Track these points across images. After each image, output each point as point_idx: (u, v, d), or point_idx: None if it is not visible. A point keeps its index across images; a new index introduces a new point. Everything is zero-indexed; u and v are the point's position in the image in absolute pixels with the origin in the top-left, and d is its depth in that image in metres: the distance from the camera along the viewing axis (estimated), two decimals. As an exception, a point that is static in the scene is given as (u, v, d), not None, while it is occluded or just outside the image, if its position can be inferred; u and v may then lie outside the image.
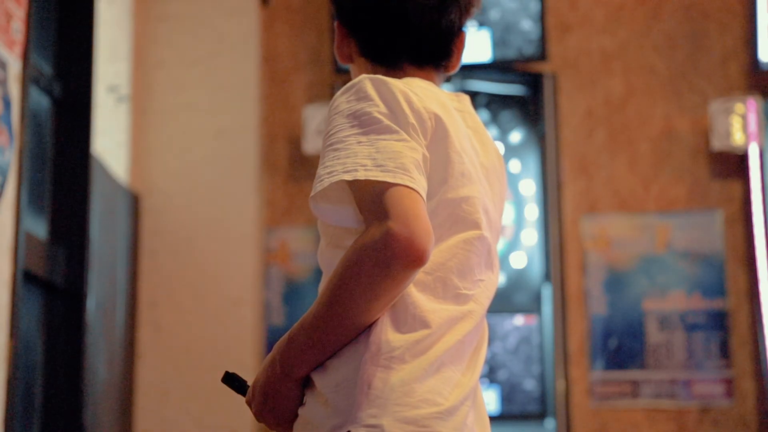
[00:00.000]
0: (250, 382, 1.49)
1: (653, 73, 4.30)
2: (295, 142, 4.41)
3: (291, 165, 4.42)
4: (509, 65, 4.34)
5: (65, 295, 3.53)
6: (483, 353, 1.47)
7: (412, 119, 1.40)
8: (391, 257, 1.28)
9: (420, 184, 1.34)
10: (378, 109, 1.39)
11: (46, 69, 3.52)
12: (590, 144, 4.29)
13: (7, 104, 2.90)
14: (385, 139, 1.36)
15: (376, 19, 1.58)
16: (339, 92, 1.44)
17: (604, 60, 4.34)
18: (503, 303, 4.18)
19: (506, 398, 4.10)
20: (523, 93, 4.40)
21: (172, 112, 4.31)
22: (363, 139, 1.37)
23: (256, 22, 4.42)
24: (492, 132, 4.36)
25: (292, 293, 4.30)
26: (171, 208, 4.24)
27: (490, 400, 4.08)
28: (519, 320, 4.17)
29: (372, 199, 1.32)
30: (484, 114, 4.37)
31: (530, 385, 4.11)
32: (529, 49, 4.27)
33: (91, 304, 3.61)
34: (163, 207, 4.24)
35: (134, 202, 4.21)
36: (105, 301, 3.83)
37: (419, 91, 1.45)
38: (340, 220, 1.43)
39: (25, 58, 3.04)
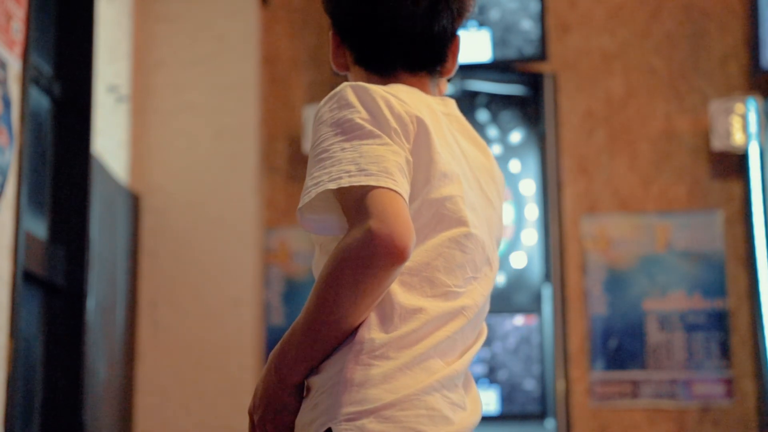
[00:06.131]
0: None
1: (653, 73, 4.30)
2: (295, 142, 4.41)
3: (291, 165, 4.42)
4: (509, 65, 4.34)
5: (65, 295, 3.53)
6: (476, 349, 1.48)
7: (393, 123, 1.42)
8: (373, 255, 1.29)
9: (402, 186, 1.36)
10: (360, 116, 1.41)
11: (46, 69, 3.52)
12: (590, 144, 4.28)
13: (7, 104, 2.90)
14: (368, 144, 1.38)
15: (367, 26, 1.60)
16: (322, 102, 1.47)
17: (604, 60, 4.34)
18: (503, 303, 4.18)
19: (506, 398, 4.10)
20: (523, 93, 4.40)
21: (172, 112, 4.31)
22: (347, 145, 1.38)
23: (256, 23, 4.42)
24: (492, 132, 4.36)
25: (292, 293, 4.30)
26: (171, 208, 4.24)
27: (490, 400, 4.08)
28: (519, 320, 4.16)
29: (355, 203, 1.34)
30: (484, 114, 4.37)
31: (530, 385, 4.11)
32: (529, 49, 4.27)
33: (91, 304, 3.61)
34: (163, 207, 4.24)
35: (134, 202, 4.21)
36: (105, 301, 3.83)
37: (403, 96, 1.47)
38: (326, 230, 1.45)
39: (25, 58, 3.03)
